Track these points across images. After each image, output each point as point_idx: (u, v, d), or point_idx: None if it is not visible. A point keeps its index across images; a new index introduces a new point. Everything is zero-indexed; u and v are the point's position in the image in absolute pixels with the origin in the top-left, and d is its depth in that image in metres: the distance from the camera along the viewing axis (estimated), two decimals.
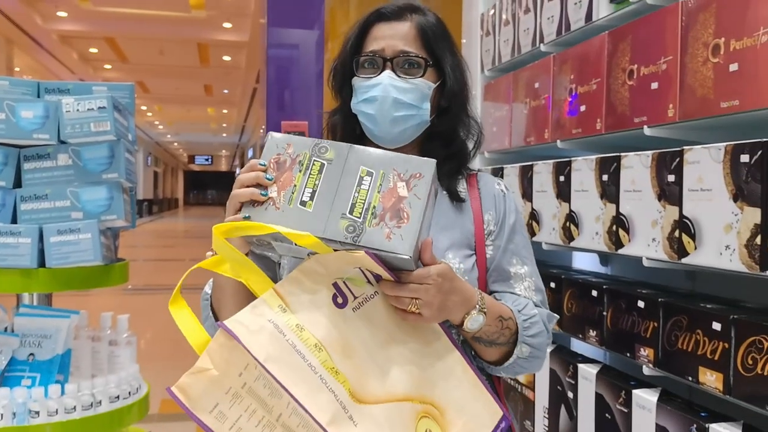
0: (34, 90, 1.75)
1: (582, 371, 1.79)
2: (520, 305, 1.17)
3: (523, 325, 1.14)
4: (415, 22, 1.21)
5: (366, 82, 1.20)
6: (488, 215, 1.24)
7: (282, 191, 1.01)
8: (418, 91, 1.20)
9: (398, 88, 1.18)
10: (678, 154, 1.41)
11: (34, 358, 1.64)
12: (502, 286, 1.22)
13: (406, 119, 1.20)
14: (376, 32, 1.21)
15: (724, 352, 1.32)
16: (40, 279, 1.59)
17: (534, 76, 2.13)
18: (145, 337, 5.95)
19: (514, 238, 1.25)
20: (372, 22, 1.23)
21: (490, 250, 1.23)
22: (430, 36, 1.21)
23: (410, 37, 1.20)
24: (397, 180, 1.00)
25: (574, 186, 1.81)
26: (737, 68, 1.30)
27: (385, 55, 1.19)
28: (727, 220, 1.28)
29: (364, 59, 1.20)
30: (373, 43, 1.21)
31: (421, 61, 1.20)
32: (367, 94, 1.19)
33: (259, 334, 0.94)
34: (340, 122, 1.28)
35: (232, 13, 12.14)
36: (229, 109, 23.94)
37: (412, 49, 1.19)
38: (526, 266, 1.25)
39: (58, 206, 1.63)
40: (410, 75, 1.19)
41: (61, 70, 16.06)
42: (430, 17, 1.24)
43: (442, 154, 1.25)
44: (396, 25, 1.21)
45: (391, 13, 1.22)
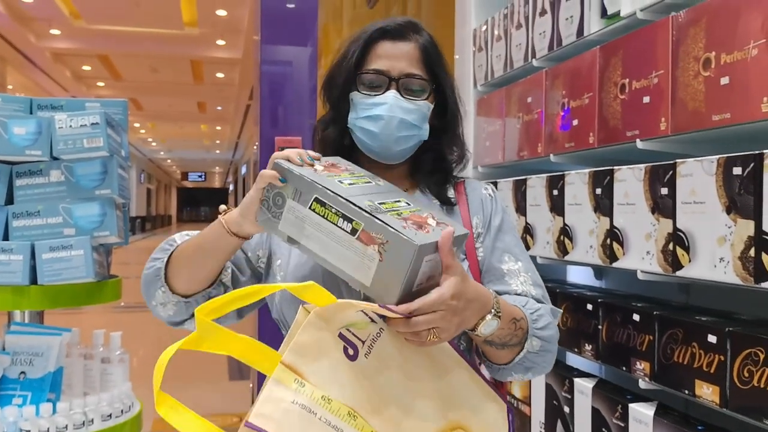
0: (26, 106, 1.74)
1: (578, 385, 1.78)
2: (522, 302, 1.17)
3: (532, 318, 1.14)
4: (418, 43, 1.23)
5: (369, 99, 1.20)
6: (476, 219, 1.27)
7: (324, 171, 1.06)
8: (421, 112, 1.22)
9: (404, 108, 1.19)
10: (671, 167, 1.41)
11: (26, 376, 1.62)
12: (497, 284, 1.23)
13: (408, 139, 1.22)
14: (380, 50, 1.22)
15: (720, 364, 1.32)
16: (32, 296, 1.58)
17: (527, 91, 2.14)
18: (138, 354, 5.90)
19: (502, 237, 1.26)
20: (375, 38, 1.23)
21: (480, 251, 1.25)
22: (433, 58, 1.23)
23: (414, 59, 1.22)
24: (429, 217, 1.04)
25: (568, 200, 1.81)
26: (728, 81, 1.31)
27: (390, 75, 1.20)
28: (720, 233, 1.28)
29: (368, 77, 1.21)
30: (377, 61, 1.21)
31: (425, 84, 1.22)
32: (370, 112, 1.20)
33: (289, 421, 0.90)
34: (332, 134, 1.28)
35: (226, 30, 12.17)
36: (223, 125, 23.96)
37: (417, 71, 1.21)
38: (520, 262, 1.26)
39: (50, 223, 1.63)
40: (415, 96, 1.21)
41: (54, 88, 16.05)
42: (428, 37, 1.26)
43: (431, 168, 1.29)
44: (401, 45, 1.22)
45: (395, 32, 1.23)
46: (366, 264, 0.98)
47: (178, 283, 1.18)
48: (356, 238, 0.98)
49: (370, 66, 1.21)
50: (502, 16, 2.32)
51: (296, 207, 1.02)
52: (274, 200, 1.04)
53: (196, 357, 1.23)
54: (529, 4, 2.12)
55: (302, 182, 1.02)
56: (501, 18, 2.33)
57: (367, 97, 1.20)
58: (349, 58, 1.23)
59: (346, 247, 0.99)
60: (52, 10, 11.23)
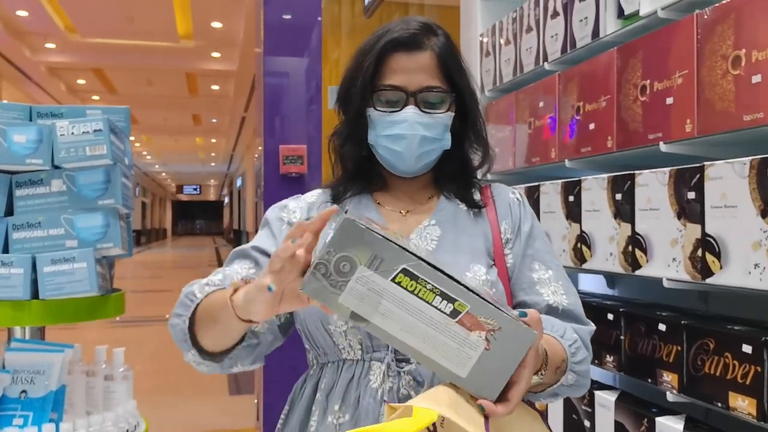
0: (26, 114, 1.68)
1: (599, 398, 1.72)
2: (561, 330, 1.11)
3: (570, 351, 1.08)
4: (434, 51, 1.16)
5: (388, 117, 1.15)
6: (504, 224, 1.22)
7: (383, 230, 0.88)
8: (442, 124, 1.17)
9: (424, 124, 1.14)
10: (698, 170, 1.36)
11: (27, 395, 1.55)
12: (528, 294, 1.18)
13: (430, 153, 1.18)
14: (394, 63, 1.15)
15: (756, 375, 1.26)
16: (33, 311, 1.51)
17: (538, 95, 2.09)
18: (135, 369, 5.82)
19: (533, 244, 1.22)
20: (388, 50, 1.16)
21: (510, 258, 1.20)
22: (450, 65, 1.17)
23: (431, 69, 1.16)
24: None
25: (585, 206, 1.75)
26: (760, 80, 1.26)
27: (407, 90, 1.14)
28: (755, 238, 1.23)
29: (384, 93, 1.15)
30: (393, 75, 1.15)
31: (446, 96, 1.17)
32: (390, 131, 1.15)
33: None
34: (350, 148, 1.23)
35: (221, 43, 12.16)
36: (218, 138, 23.94)
37: (436, 83, 1.16)
38: (550, 270, 1.21)
39: (51, 234, 1.56)
40: (435, 110, 1.16)
41: (48, 101, 16.00)
42: (443, 38, 1.19)
43: (455, 173, 1.25)
44: (416, 56, 1.15)
45: (408, 42, 1.16)
46: (465, 353, 0.85)
47: (206, 343, 1.08)
48: (456, 321, 0.84)
49: (386, 81, 1.15)
50: (511, 20, 2.27)
51: (371, 277, 0.84)
52: (337, 266, 0.84)
53: (194, 371, 1.15)
54: (539, 7, 2.07)
55: (385, 247, 0.84)
56: (509, 22, 2.28)
57: (385, 114, 1.15)
58: (363, 72, 1.17)
59: (440, 330, 0.85)
60: (47, 24, 11.20)
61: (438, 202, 1.25)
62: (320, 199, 1.28)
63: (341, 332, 1.12)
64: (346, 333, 1.11)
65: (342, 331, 1.11)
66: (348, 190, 1.25)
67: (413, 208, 1.25)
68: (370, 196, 1.26)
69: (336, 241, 0.83)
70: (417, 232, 1.20)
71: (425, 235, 1.19)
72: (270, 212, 1.27)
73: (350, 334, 1.11)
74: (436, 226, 1.20)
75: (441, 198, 1.25)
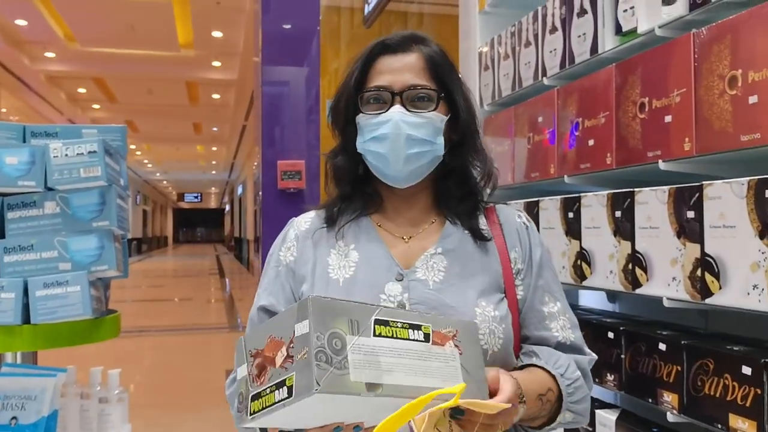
0: (20, 134, 1.66)
1: (600, 417, 1.70)
2: (562, 367, 1.09)
3: (567, 391, 1.07)
4: (422, 53, 1.14)
5: (373, 119, 1.11)
6: (514, 253, 1.17)
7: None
8: (431, 125, 1.12)
9: (410, 123, 1.10)
10: (697, 189, 1.35)
11: (17, 421, 1.53)
12: (537, 329, 1.15)
13: (419, 156, 1.12)
14: (381, 66, 1.14)
15: (756, 398, 1.24)
16: (24, 337, 1.48)
17: (537, 110, 2.08)
18: (134, 380, 5.80)
19: (543, 274, 1.18)
20: (376, 54, 1.15)
21: (521, 290, 1.16)
22: (440, 66, 1.14)
23: (419, 69, 1.13)
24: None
25: (585, 223, 1.74)
26: (757, 100, 1.25)
27: (393, 90, 1.11)
28: (753, 258, 1.21)
29: (370, 95, 1.12)
30: (379, 77, 1.13)
31: (432, 94, 1.12)
32: (376, 132, 1.11)
33: None
34: (344, 164, 1.20)
35: (221, 52, 12.19)
36: (219, 146, 23.98)
37: (423, 81, 1.12)
38: (558, 302, 1.18)
39: (44, 257, 1.53)
40: (422, 109, 1.11)
41: (49, 110, 16.02)
42: (435, 47, 1.17)
43: (458, 193, 1.19)
44: (402, 57, 1.13)
45: (395, 45, 1.14)
46: (452, 366, 0.89)
47: None
48: (431, 343, 0.88)
49: (372, 83, 1.13)
50: (509, 35, 2.26)
51: (360, 342, 0.83)
52: (331, 346, 0.80)
53: (196, 383, 1.15)
54: (538, 22, 2.07)
55: (352, 309, 0.84)
56: (508, 36, 2.28)
57: (372, 117, 1.12)
58: (350, 79, 1.15)
59: (427, 358, 0.87)
60: (46, 33, 11.23)
61: (443, 228, 1.19)
62: (314, 225, 1.23)
63: None
64: None
65: None
66: (343, 211, 1.21)
67: (416, 234, 1.19)
68: (369, 218, 1.21)
69: (317, 323, 0.80)
70: (422, 260, 1.14)
71: (431, 265, 1.14)
72: (271, 253, 1.24)
73: None
74: (442, 255, 1.15)
75: (446, 224, 1.20)
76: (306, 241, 1.21)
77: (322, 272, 1.16)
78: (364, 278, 1.13)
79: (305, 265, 1.18)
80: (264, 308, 1.18)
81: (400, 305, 1.09)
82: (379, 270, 1.13)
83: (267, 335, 0.84)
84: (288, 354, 0.81)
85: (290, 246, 1.22)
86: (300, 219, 1.26)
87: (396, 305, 1.09)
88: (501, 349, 1.09)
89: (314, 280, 1.15)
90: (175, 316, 7.95)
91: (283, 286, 1.18)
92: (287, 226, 1.27)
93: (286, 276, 1.19)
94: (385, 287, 1.11)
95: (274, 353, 0.82)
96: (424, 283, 1.11)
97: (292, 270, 1.19)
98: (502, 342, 1.09)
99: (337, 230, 1.19)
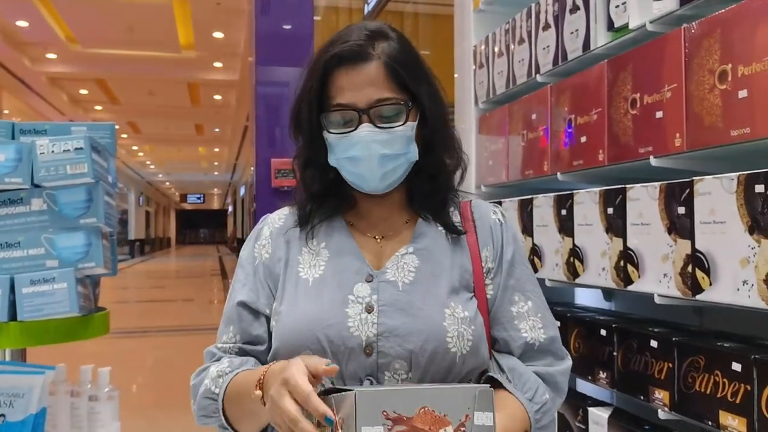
0: (8, 131, 1.66)
1: (592, 415, 1.69)
2: (531, 390, 1.09)
3: (535, 417, 1.07)
4: (381, 60, 1.07)
5: (343, 139, 1.08)
6: (486, 251, 1.16)
7: None
8: (403, 137, 1.09)
9: (381, 141, 1.07)
10: (688, 185, 1.34)
11: (5, 419, 1.52)
12: (506, 329, 1.14)
13: (395, 170, 1.11)
14: (340, 80, 1.07)
15: (746, 394, 1.23)
16: (11, 334, 1.48)
17: (530, 108, 2.07)
18: (137, 381, 5.80)
19: (513, 273, 1.16)
20: (331, 67, 1.08)
21: (491, 289, 1.15)
22: (402, 71, 1.08)
23: (381, 80, 1.07)
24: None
25: (577, 220, 1.73)
26: (746, 95, 1.24)
27: (358, 108, 1.06)
28: (743, 254, 1.20)
29: (334, 115, 1.08)
30: (340, 94, 1.07)
31: (400, 107, 1.08)
32: (347, 153, 1.08)
33: None
34: (314, 174, 1.17)
35: (222, 53, 12.21)
36: (221, 147, 24.01)
37: (388, 94, 1.07)
38: (530, 301, 1.16)
39: (31, 254, 1.53)
40: (391, 123, 1.07)
41: (50, 112, 16.06)
42: (394, 43, 1.10)
43: (429, 188, 1.17)
44: (362, 69, 1.07)
45: (351, 55, 1.07)
46: None
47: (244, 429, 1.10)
48: None
49: (334, 100, 1.08)
50: (503, 32, 2.26)
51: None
52: None
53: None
54: (531, 19, 2.06)
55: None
56: (502, 33, 2.27)
57: (340, 137, 1.08)
58: (309, 94, 1.10)
59: None
60: (47, 35, 11.25)
61: (416, 227, 1.19)
62: (288, 223, 1.22)
63: None
64: None
65: None
66: (316, 211, 1.19)
67: (388, 233, 1.18)
68: (341, 218, 1.20)
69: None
70: (393, 261, 1.14)
71: (402, 265, 1.13)
72: (245, 248, 1.24)
73: None
74: (413, 255, 1.14)
75: (419, 222, 1.19)
76: (279, 238, 1.20)
77: (292, 271, 1.15)
78: (333, 279, 1.12)
79: (278, 263, 1.17)
80: (244, 303, 1.17)
81: (368, 307, 1.08)
82: (349, 271, 1.12)
83: (418, 404, 0.81)
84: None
85: (264, 243, 1.21)
86: (274, 216, 1.25)
87: (364, 307, 1.08)
88: (471, 351, 1.08)
89: (285, 279, 1.15)
90: (177, 316, 7.97)
91: (262, 283, 1.18)
92: (260, 223, 1.26)
93: (264, 274, 1.18)
94: (354, 288, 1.10)
95: (431, 428, 0.80)
96: (393, 284, 1.10)
97: (268, 268, 1.18)
98: (471, 344, 1.08)
99: (309, 229, 1.18)
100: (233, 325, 1.17)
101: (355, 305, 1.08)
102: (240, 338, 1.15)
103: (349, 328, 1.06)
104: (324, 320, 1.06)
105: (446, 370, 1.06)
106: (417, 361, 1.04)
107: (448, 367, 1.06)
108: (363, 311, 1.07)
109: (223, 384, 1.08)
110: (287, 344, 1.08)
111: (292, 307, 1.11)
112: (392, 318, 1.07)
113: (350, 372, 1.05)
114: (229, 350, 1.16)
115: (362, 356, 1.05)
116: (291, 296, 1.12)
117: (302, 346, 1.06)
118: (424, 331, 1.05)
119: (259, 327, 1.15)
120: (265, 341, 1.15)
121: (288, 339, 1.08)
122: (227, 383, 1.08)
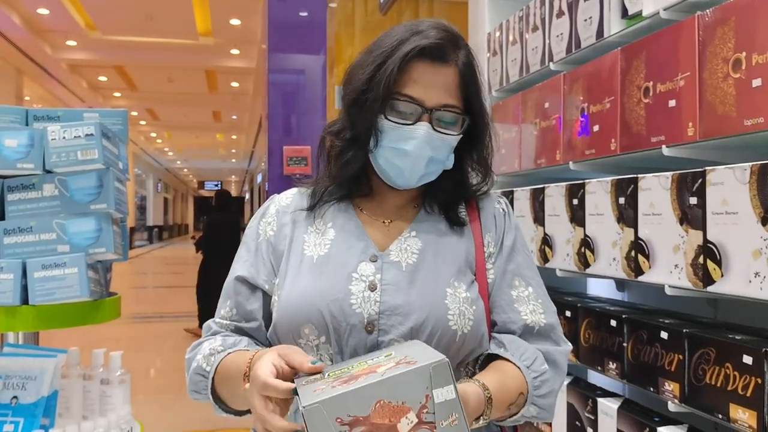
0: (22, 117, 1.67)
1: (602, 406, 1.68)
2: (529, 359, 1.09)
3: (534, 384, 1.06)
4: (458, 67, 1.10)
5: (399, 129, 1.09)
6: (488, 236, 1.18)
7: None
8: (449, 145, 1.13)
9: (434, 145, 1.10)
10: (700, 175, 1.32)
11: (18, 401, 1.55)
12: (506, 311, 1.14)
13: (432, 174, 1.14)
14: (416, 73, 1.08)
15: (756, 387, 1.22)
16: (23, 317, 1.50)
17: (544, 96, 2.05)
18: (154, 365, 5.86)
19: (514, 258, 1.18)
20: (413, 57, 1.08)
21: (491, 273, 1.16)
22: (470, 84, 1.12)
23: (452, 87, 1.10)
24: (389, 362, 0.88)
25: (589, 209, 1.71)
26: (761, 84, 1.21)
27: (425, 105, 1.08)
28: (755, 246, 1.19)
29: (401, 104, 1.09)
30: (413, 86, 1.08)
31: (460, 118, 1.12)
32: (398, 144, 1.09)
33: None
34: (352, 159, 1.16)
35: (240, 40, 12.20)
36: (238, 134, 24.07)
37: (454, 101, 1.10)
38: (530, 287, 1.17)
39: (43, 239, 1.55)
40: (448, 130, 1.11)
41: (70, 98, 16.19)
42: (466, 52, 1.13)
43: (448, 186, 1.20)
44: (440, 70, 1.09)
45: (434, 53, 1.08)
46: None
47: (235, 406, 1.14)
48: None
49: (404, 90, 1.08)
50: (517, 19, 2.23)
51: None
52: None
53: None
54: (545, 6, 2.03)
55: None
56: (516, 21, 2.25)
57: (397, 126, 1.09)
58: (384, 77, 1.08)
59: None
60: (68, 22, 11.33)
61: (419, 212, 1.21)
62: (295, 202, 1.24)
63: (313, 346, 1.09)
64: (318, 347, 1.09)
65: (314, 345, 1.09)
66: (330, 194, 1.20)
67: (396, 219, 1.20)
68: (351, 201, 1.22)
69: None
70: (397, 243, 1.16)
71: (405, 247, 1.15)
72: (250, 226, 1.25)
73: (322, 349, 1.09)
74: (416, 237, 1.16)
75: (421, 212, 1.21)
76: (285, 217, 1.22)
77: (297, 248, 1.17)
78: (338, 257, 1.13)
79: (283, 240, 1.19)
80: (243, 279, 1.18)
81: (372, 285, 1.10)
82: (354, 250, 1.14)
83: (372, 400, 0.77)
84: (421, 420, 0.77)
85: (270, 221, 1.22)
86: (282, 196, 1.27)
87: (367, 285, 1.10)
88: (471, 330, 1.09)
89: (289, 256, 1.16)
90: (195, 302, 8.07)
91: (264, 260, 1.19)
92: (268, 202, 1.27)
93: (267, 250, 1.19)
94: (358, 267, 1.11)
95: (391, 420, 0.77)
96: (397, 265, 1.12)
97: (272, 245, 1.19)
98: (472, 323, 1.09)
99: (318, 208, 1.20)
100: (230, 299, 1.18)
101: (358, 283, 1.09)
102: (236, 312, 1.17)
103: (352, 305, 1.07)
104: (328, 295, 1.08)
105: (445, 349, 1.05)
106: (417, 338, 1.05)
107: (447, 345, 1.07)
108: (366, 289, 1.09)
109: (214, 363, 1.10)
110: (288, 317, 1.09)
111: (295, 281, 1.12)
112: (394, 297, 1.08)
113: (351, 348, 1.07)
114: (226, 326, 1.18)
115: (363, 333, 1.06)
116: (294, 271, 1.13)
117: (303, 321, 1.07)
118: (425, 309, 1.06)
119: (255, 302, 1.17)
120: (258, 318, 1.16)
121: (289, 312, 1.09)
122: (218, 363, 1.10)
